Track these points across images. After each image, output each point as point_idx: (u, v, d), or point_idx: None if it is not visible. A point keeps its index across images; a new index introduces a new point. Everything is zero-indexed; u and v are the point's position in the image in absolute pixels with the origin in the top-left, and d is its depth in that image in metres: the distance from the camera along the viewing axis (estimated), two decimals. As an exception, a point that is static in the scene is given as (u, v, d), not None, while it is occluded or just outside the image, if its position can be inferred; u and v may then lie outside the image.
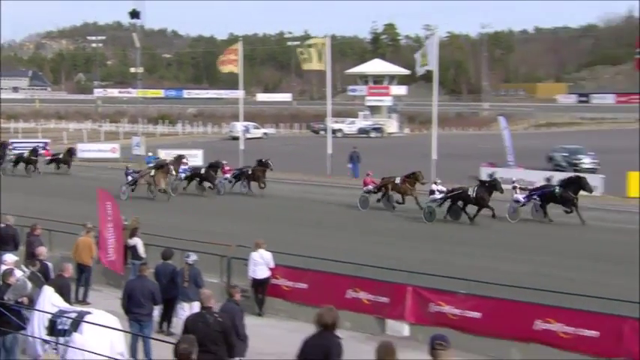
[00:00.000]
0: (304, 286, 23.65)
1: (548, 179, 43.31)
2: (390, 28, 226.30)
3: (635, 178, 44.64)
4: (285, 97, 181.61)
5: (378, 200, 42.07)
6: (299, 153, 59.26)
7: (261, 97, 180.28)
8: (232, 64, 62.20)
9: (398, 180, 41.79)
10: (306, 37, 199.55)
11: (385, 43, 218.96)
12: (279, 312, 23.61)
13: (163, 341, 13.72)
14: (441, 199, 39.09)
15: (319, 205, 43.56)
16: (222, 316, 14.30)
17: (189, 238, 25.85)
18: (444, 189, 39.56)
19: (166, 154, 63.00)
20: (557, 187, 38.67)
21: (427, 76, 62.13)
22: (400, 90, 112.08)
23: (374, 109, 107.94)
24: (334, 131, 72.07)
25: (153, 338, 16.89)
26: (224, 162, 48.34)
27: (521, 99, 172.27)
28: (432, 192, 39.43)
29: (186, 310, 18.89)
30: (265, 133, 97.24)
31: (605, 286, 23.60)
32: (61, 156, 59.11)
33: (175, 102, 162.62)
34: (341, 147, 59.55)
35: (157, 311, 18.96)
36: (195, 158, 58.25)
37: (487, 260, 29.19)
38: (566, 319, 19.50)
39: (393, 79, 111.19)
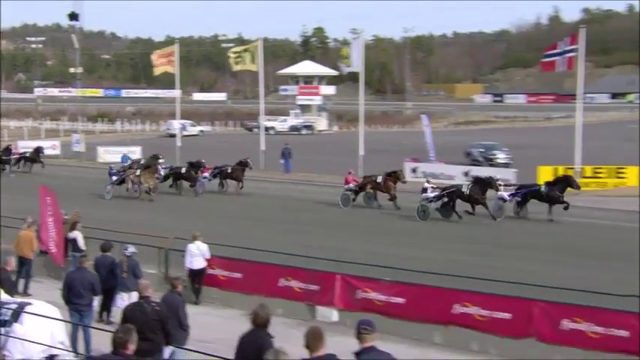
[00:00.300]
0: (239, 275, 23.64)
1: (466, 173, 43.70)
2: (319, 31, 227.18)
3: (544, 171, 45.25)
4: (220, 96, 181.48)
5: (353, 200, 40.84)
6: (234, 149, 58.83)
7: (197, 96, 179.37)
8: (167, 65, 61.84)
9: (379, 179, 40.76)
10: (240, 39, 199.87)
11: (315, 46, 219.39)
12: (215, 300, 23.48)
13: (103, 330, 13.54)
14: (435, 197, 37.63)
15: (254, 199, 43.34)
16: (160, 305, 14.23)
17: (128, 231, 25.55)
18: (436, 187, 38.24)
19: (105, 151, 62.61)
20: (544, 186, 37.69)
21: (354, 77, 62.20)
22: (329, 90, 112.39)
23: (304, 108, 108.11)
24: (267, 129, 72.09)
25: (93, 327, 16.74)
26: (203, 161, 45.98)
27: (442, 99, 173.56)
28: (425, 190, 37.85)
29: (125, 299, 18.62)
30: (201, 131, 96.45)
31: (519, 271, 23.81)
32: (28, 154, 57.39)
33: (114, 101, 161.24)
34: (274, 144, 59.43)
35: (96, 301, 18.66)
36: (134, 155, 57.38)
37: (417, 250, 29.45)
38: (482, 302, 19.90)
39: (322, 79, 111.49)
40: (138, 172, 43.29)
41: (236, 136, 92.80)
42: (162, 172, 45.59)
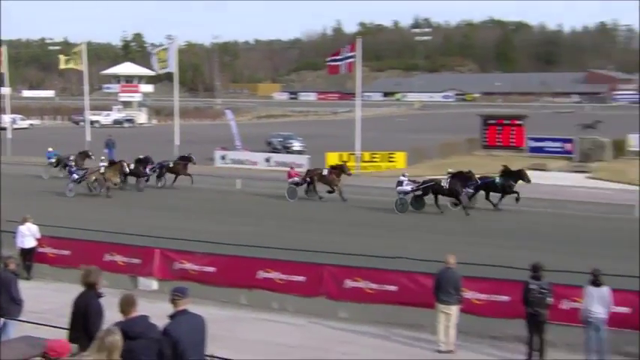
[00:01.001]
0: (67, 252, 23.18)
1: (267, 159, 43.97)
2: (138, 37, 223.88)
3: (331, 157, 46.30)
4: (49, 93, 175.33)
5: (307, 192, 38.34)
6: (62, 141, 57.23)
7: (27, 93, 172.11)
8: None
9: (325, 172, 38.47)
10: (66, 42, 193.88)
11: (134, 49, 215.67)
12: (46, 276, 22.89)
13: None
14: (412, 189, 34.80)
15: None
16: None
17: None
18: (411, 180, 35.42)
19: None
20: (498, 177, 35.39)
21: (170, 77, 61.53)
22: (148, 88, 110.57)
23: (126, 104, 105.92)
24: (92, 122, 71.01)
25: None
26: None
27: (246, 96, 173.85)
28: (400, 183, 34.96)
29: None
30: (31, 124, 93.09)
31: (319, 242, 24.18)
32: None
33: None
34: (98, 135, 58.41)
35: None
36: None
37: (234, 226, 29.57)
38: (281, 268, 20.31)
39: (141, 79, 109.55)
40: (102, 169, 39.17)
41: (64, 129, 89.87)
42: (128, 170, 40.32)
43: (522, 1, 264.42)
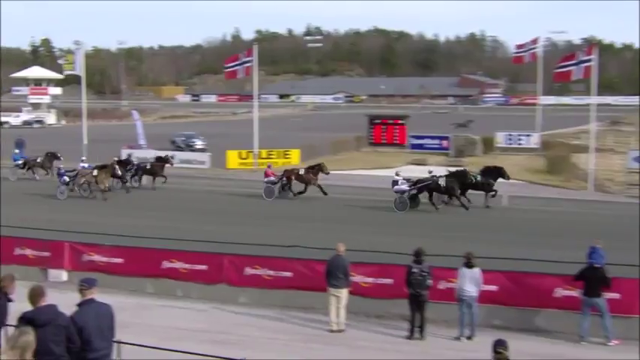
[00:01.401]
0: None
1: (172, 156, 43.34)
2: (45, 42, 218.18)
3: (231, 154, 46.04)
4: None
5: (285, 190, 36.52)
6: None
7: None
8: None
9: (302, 171, 36.94)
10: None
11: (43, 54, 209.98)
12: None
13: None
14: (410, 188, 33.26)
15: None
16: None
17: None
18: (405, 179, 33.86)
19: None
20: (479, 176, 33.92)
21: (78, 80, 60.17)
22: (56, 90, 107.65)
23: (35, 106, 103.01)
24: (2, 123, 69.22)
25: None
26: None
27: (151, 98, 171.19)
28: (395, 182, 33.38)
29: None
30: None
31: (223, 233, 24.07)
32: None
33: None
34: (9, 136, 56.85)
35: None
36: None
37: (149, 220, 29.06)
38: (185, 258, 20.12)
39: (50, 81, 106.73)
40: (95, 172, 36.26)
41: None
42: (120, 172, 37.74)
43: (403, 13, 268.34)
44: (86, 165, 38.54)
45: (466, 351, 15.77)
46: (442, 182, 32.76)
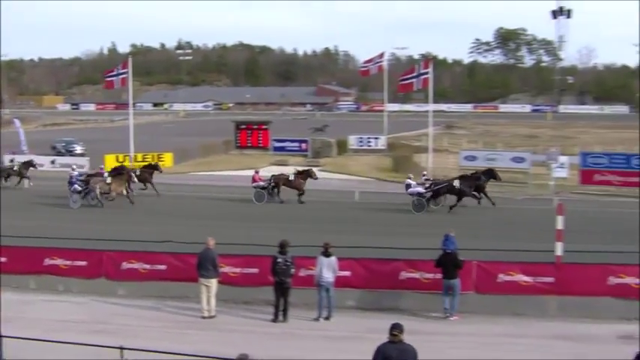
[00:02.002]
0: None
1: (52, 161, 41.71)
2: None
3: (109, 158, 44.74)
4: None
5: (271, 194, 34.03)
6: None
7: None
8: None
9: (292, 177, 34.55)
10: None
11: None
12: None
13: None
14: (427, 190, 31.55)
15: None
16: None
17: None
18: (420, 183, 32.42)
19: None
20: (457, 181, 31.77)
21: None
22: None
23: None
24: None
25: None
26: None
27: (32, 107, 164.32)
28: (409, 186, 31.98)
29: None
30: None
31: (104, 232, 23.38)
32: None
33: None
34: None
35: None
36: None
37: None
38: (65, 255, 19.43)
39: None
40: (108, 179, 33.14)
41: None
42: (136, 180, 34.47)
43: (266, 29, 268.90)
44: (75, 173, 34.68)
45: (325, 330, 15.96)
46: (456, 184, 31.45)
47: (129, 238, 21.01)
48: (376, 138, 57.90)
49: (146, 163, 37.25)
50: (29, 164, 40.82)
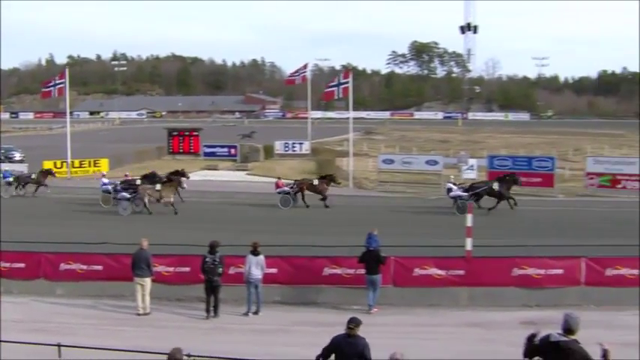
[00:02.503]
0: None
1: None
2: None
3: (47, 164, 43.38)
4: None
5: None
6: None
7: None
8: None
9: (316, 182, 33.04)
10: None
11: None
12: None
13: None
14: (469, 194, 30.32)
15: None
16: None
17: None
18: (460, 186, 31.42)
19: None
20: (496, 184, 31.02)
21: None
22: None
23: None
24: None
25: None
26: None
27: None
28: (450, 189, 30.83)
29: None
30: None
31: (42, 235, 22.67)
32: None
33: None
34: None
35: None
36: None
37: None
38: (4, 258, 18.78)
39: None
40: (158, 186, 31.06)
41: None
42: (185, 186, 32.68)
43: (197, 41, 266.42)
44: (106, 181, 33.27)
45: (253, 324, 15.90)
46: (496, 186, 30.77)
47: (66, 240, 20.47)
48: (300, 143, 57.99)
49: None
50: (47, 173, 38.19)
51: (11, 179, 37.14)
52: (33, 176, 37.75)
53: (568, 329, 8.28)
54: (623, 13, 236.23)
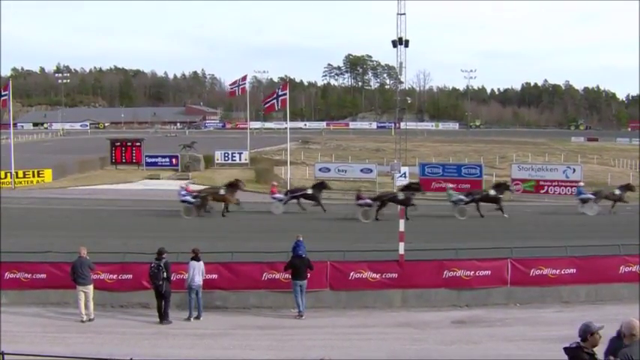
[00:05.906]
0: None
1: None
2: None
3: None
4: None
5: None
6: None
7: None
8: None
9: (310, 190, 32.40)
10: None
11: None
12: None
13: None
14: (470, 199, 30.36)
15: None
16: None
17: None
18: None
19: None
20: (492, 190, 31.25)
21: None
22: None
23: None
24: None
25: None
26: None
27: None
28: (451, 195, 30.75)
29: None
30: None
31: None
32: None
33: None
34: None
35: None
36: None
37: None
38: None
39: None
40: (222, 191, 31.57)
41: None
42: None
43: (138, 54, 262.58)
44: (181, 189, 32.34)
45: (195, 328, 15.77)
46: (492, 192, 31.06)
47: (9, 250, 19.88)
48: (240, 153, 57.72)
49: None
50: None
51: None
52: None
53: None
54: (543, 29, 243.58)
